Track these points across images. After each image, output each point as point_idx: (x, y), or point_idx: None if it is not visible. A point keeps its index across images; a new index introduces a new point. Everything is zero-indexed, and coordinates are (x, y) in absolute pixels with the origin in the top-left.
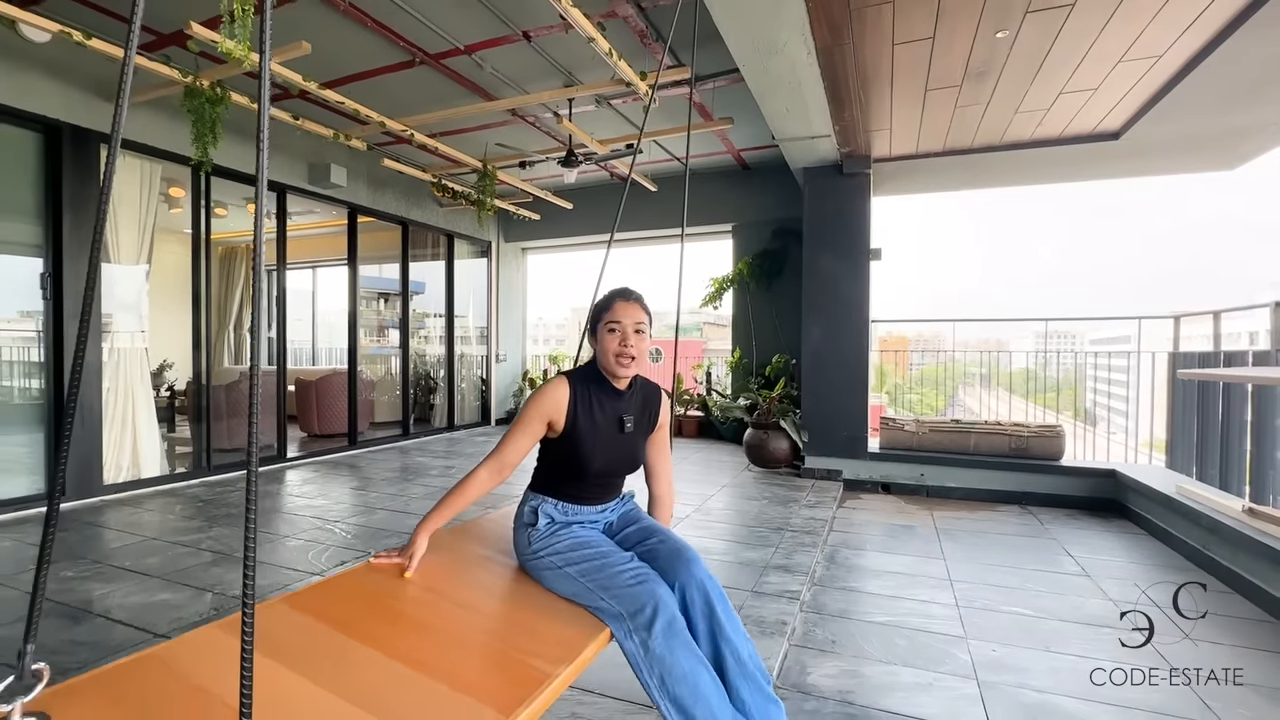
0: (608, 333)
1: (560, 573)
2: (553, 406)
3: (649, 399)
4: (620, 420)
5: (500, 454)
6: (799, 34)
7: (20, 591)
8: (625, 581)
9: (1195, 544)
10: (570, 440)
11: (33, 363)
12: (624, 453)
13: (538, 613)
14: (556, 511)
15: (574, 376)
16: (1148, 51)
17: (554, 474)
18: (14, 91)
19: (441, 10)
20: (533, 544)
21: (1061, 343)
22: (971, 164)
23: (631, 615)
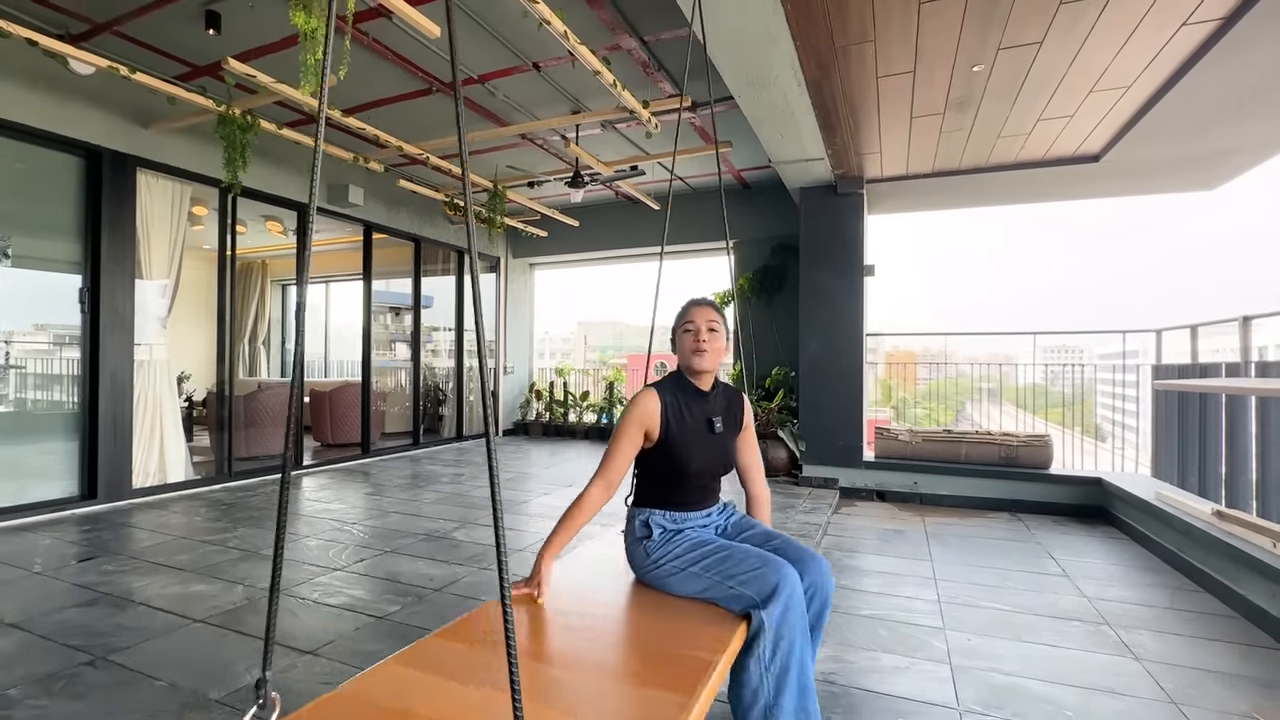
0: (684, 333)
1: (685, 574)
2: (646, 415)
3: (732, 401)
4: (709, 421)
5: (606, 470)
6: (789, 68)
7: (65, 584)
8: (752, 566)
9: (1171, 547)
10: (666, 445)
11: (71, 378)
12: (717, 452)
13: (678, 614)
14: (666, 521)
15: (660, 386)
16: (1116, 83)
17: (656, 484)
18: (60, 120)
19: (458, 43)
20: (651, 555)
21: (1070, 356)
22: (960, 184)
23: (761, 595)
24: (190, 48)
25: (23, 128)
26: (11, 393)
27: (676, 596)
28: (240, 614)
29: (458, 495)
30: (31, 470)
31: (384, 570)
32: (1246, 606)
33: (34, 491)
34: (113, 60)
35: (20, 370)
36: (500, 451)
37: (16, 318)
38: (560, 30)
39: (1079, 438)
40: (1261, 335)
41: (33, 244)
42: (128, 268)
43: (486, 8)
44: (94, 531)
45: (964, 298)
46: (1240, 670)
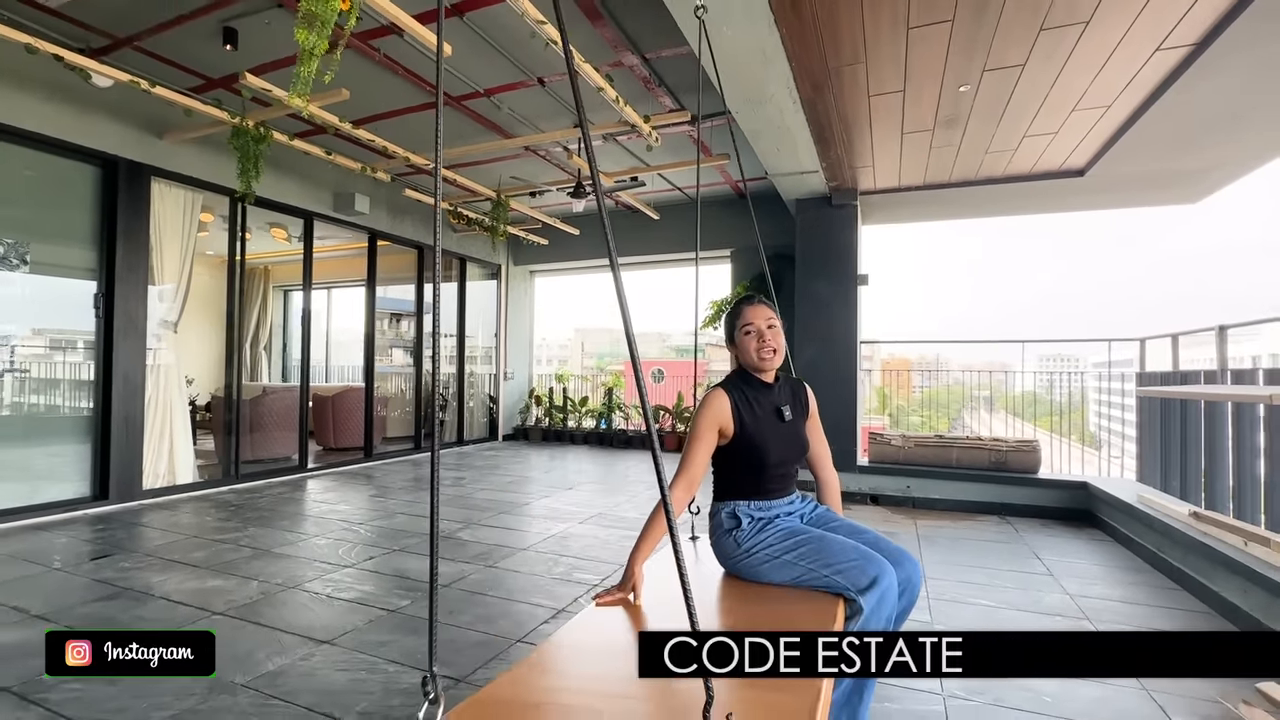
0: (744, 335)
1: (779, 562)
2: (719, 415)
3: (796, 390)
4: (778, 410)
5: (687, 471)
6: (785, 88)
7: (85, 579)
8: (850, 557)
9: (1151, 547)
10: (743, 439)
11: (84, 381)
12: (791, 439)
13: (777, 599)
14: (754, 510)
15: (727, 385)
16: (1096, 103)
17: (737, 477)
18: (78, 130)
19: (465, 59)
20: (742, 545)
21: (1066, 365)
22: (951, 197)
23: (857, 586)
24: (205, 61)
25: (42, 138)
26: (27, 396)
27: (769, 585)
28: (257, 607)
29: (460, 497)
30: (45, 471)
31: (392, 567)
32: (1221, 603)
33: (47, 491)
34: (134, 74)
35: (32, 375)
36: (500, 456)
37: (33, 322)
38: None
39: (1074, 445)
40: (1252, 345)
41: (50, 250)
42: (141, 274)
43: (494, 26)
44: (107, 530)
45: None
46: None
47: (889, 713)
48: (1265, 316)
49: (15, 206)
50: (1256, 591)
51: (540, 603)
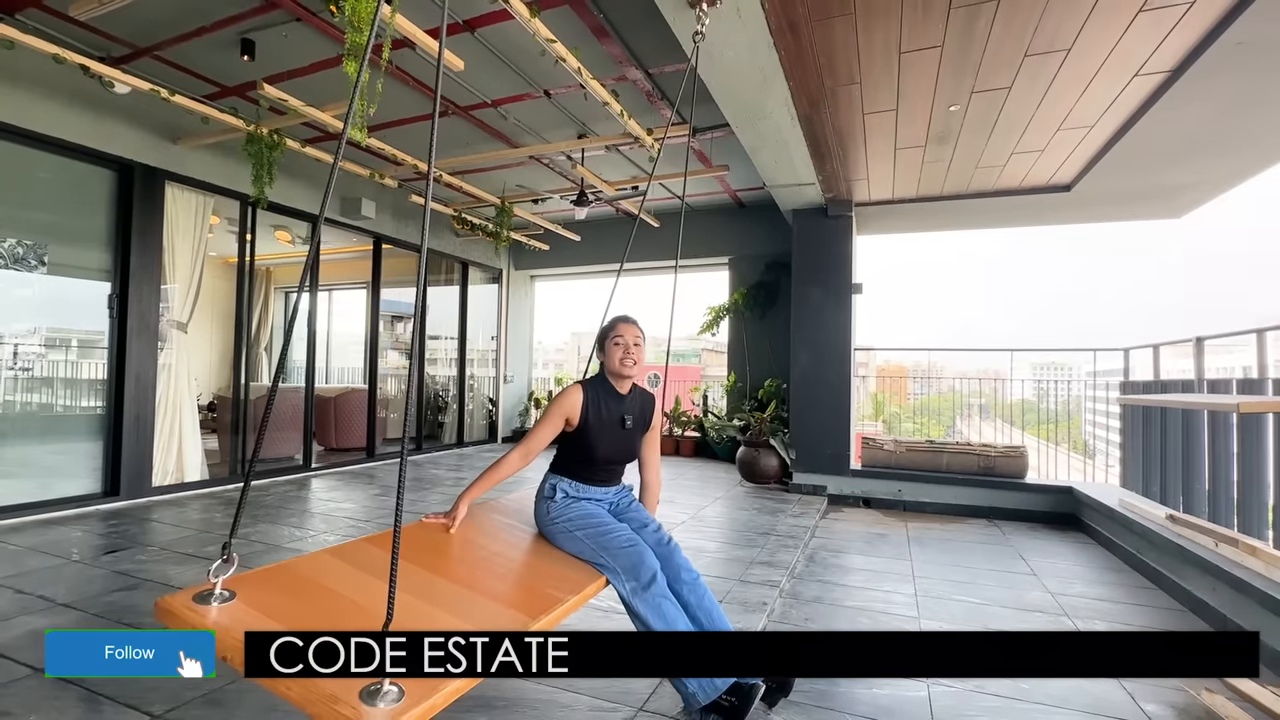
0: (614, 346)
1: (570, 535)
2: (570, 407)
3: (645, 405)
4: (622, 419)
5: (528, 442)
6: (783, 105)
7: (105, 571)
8: (621, 544)
9: (1130, 549)
10: (582, 433)
11: (96, 380)
12: (623, 445)
13: (552, 562)
14: (570, 488)
15: (587, 384)
16: (1080, 123)
17: (570, 459)
18: (97, 135)
19: (474, 72)
20: (550, 513)
21: (1060, 374)
22: (943, 209)
23: (625, 570)
24: (223, 71)
25: (62, 143)
26: (42, 395)
27: (562, 551)
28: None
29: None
30: (59, 467)
31: None
32: (1192, 600)
33: (60, 487)
34: (154, 83)
35: (48, 374)
36: (498, 456)
37: (49, 322)
38: (574, 66)
39: (1066, 453)
40: (1235, 357)
41: (66, 252)
42: (154, 275)
43: (504, 42)
44: (120, 525)
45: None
46: None
47: (875, 698)
48: (1241, 329)
49: (35, 209)
50: (1223, 589)
51: None
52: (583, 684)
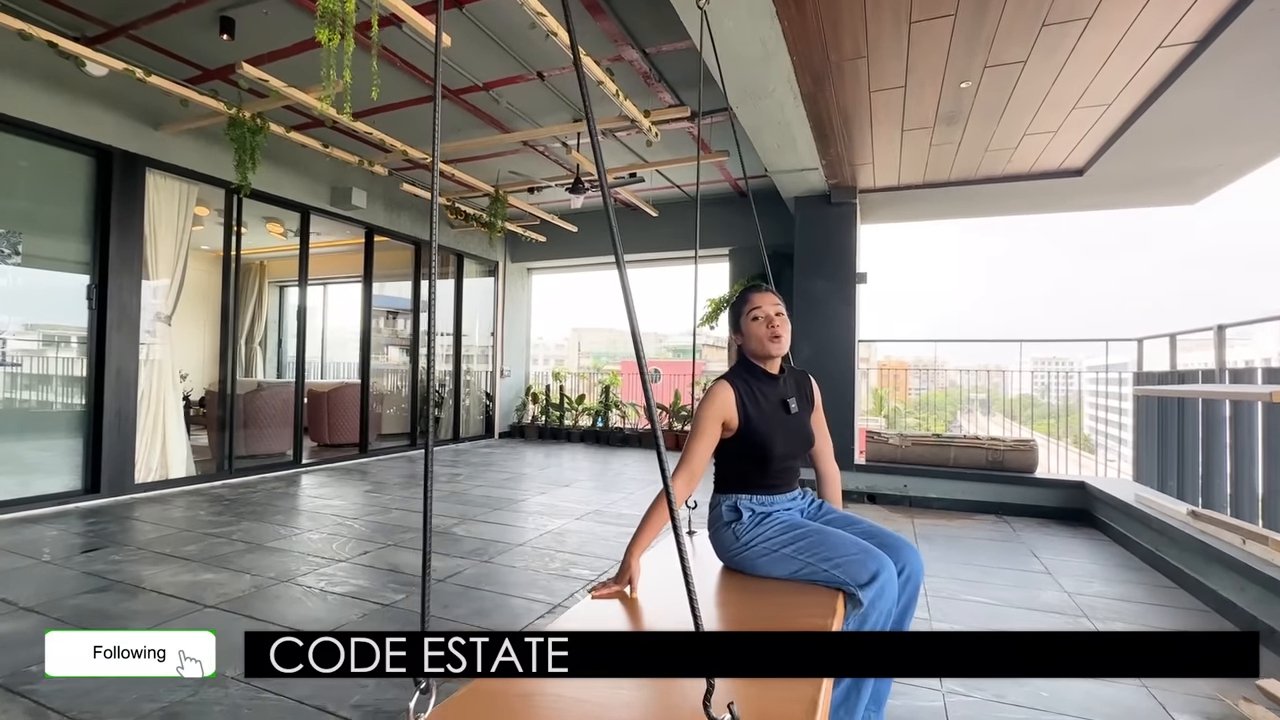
0: (752, 321)
1: (777, 555)
2: (724, 408)
3: (801, 382)
4: (784, 403)
5: (688, 463)
6: (786, 82)
7: (75, 572)
8: (850, 551)
9: (1148, 546)
10: (748, 432)
11: (76, 375)
12: (797, 432)
13: (775, 592)
14: (754, 504)
15: (731, 376)
16: (1097, 101)
17: (740, 470)
18: (73, 120)
19: (464, 52)
20: (741, 538)
21: (1059, 367)
22: (950, 195)
23: (857, 581)
24: (202, 52)
25: (36, 127)
26: (18, 389)
27: (767, 579)
28: (249, 600)
29: (455, 494)
30: (36, 464)
31: (386, 562)
32: (1217, 600)
33: (38, 485)
34: (129, 63)
35: (23, 368)
36: (496, 453)
37: (24, 315)
38: (566, 42)
39: (1067, 449)
40: (1247, 350)
41: (42, 242)
42: (135, 266)
43: (494, 19)
44: (98, 524)
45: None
46: None
47: (891, 709)
48: (1263, 316)
49: (9, 197)
50: (1253, 588)
51: (536, 597)
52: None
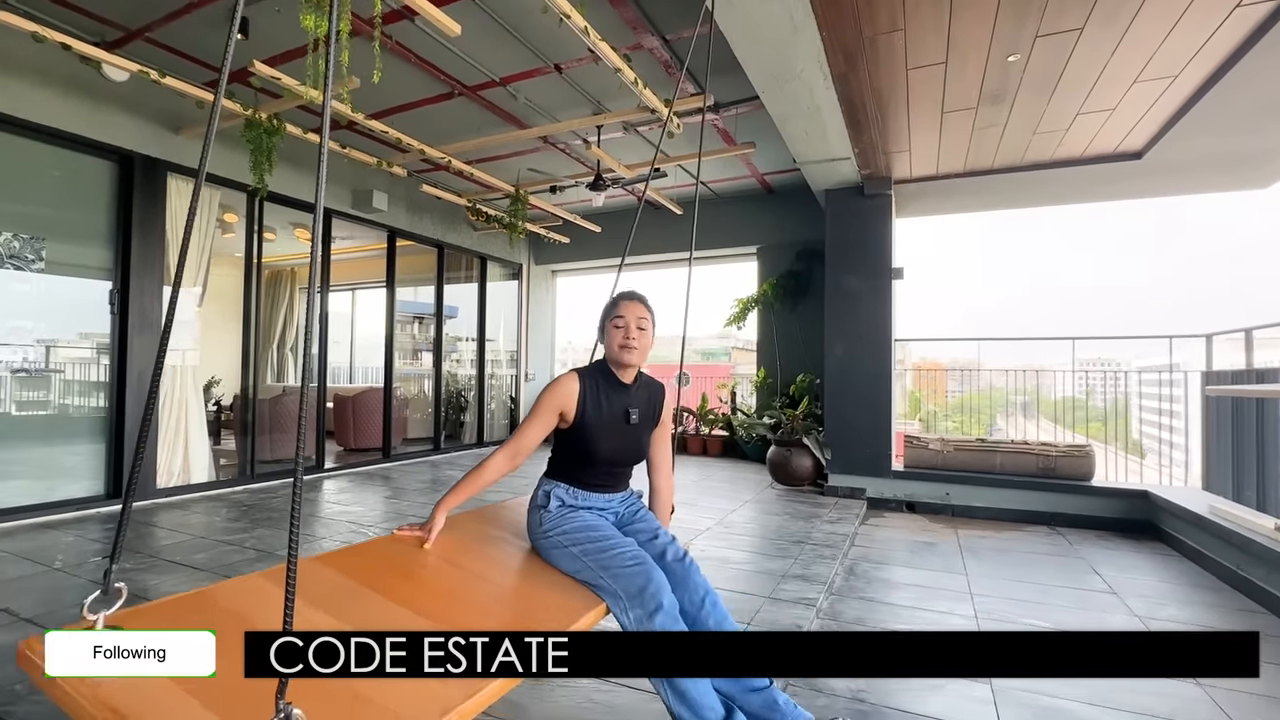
0: (614, 328)
1: (565, 551)
2: (564, 399)
3: (653, 395)
4: (626, 412)
5: (515, 441)
6: (815, 62)
7: (82, 580)
8: (625, 563)
9: (1228, 564)
10: (580, 430)
11: (98, 380)
12: (629, 443)
13: (542, 585)
14: (567, 495)
15: (583, 372)
16: (1162, 73)
17: (566, 462)
18: (95, 125)
19: (479, 46)
20: (544, 524)
21: (1106, 367)
22: (993, 184)
23: (629, 595)
24: (218, 54)
25: (59, 133)
26: (41, 395)
27: (557, 570)
28: None
29: (476, 499)
30: (60, 469)
31: None
32: None
33: (62, 490)
34: (143, 65)
35: (47, 373)
36: None
37: (48, 320)
38: (580, 26)
39: (1117, 454)
40: None
41: (65, 249)
42: (156, 271)
43: (508, 9)
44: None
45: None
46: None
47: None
48: None
49: (32, 203)
50: None
51: None
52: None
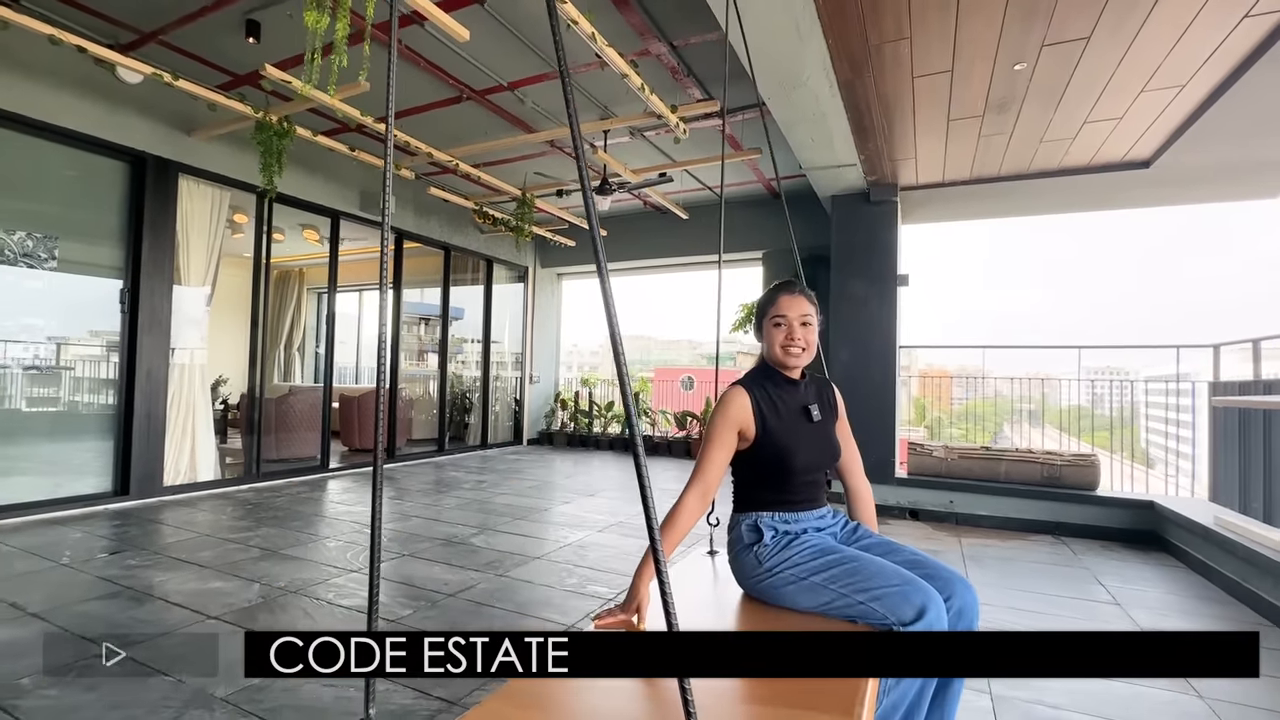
0: (773, 327)
1: (806, 584)
2: (739, 415)
3: (822, 388)
4: (805, 409)
5: (702, 476)
6: (821, 70)
7: (90, 576)
8: (892, 582)
9: (1233, 576)
10: (766, 441)
11: (108, 378)
12: (821, 441)
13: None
14: (779, 523)
15: (747, 381)
16: (1169, 82)
17: (760, 485)
18: (109, 126)
19: (488, 51)
20: (764, 563)
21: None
22: (1000, 192)
23: (900, 618)
24: (231, 57)
25: (73, 134)
26: (51, 392)
27: (793, 611)
28: (254, 612)
29: (479, 501)
30: (69, 466)
31: (400, 574)
32: None
33: (70, 486)
34: (157, 68)
35: (57, 370)
36: (524, 460)
37: (59, 318)
38: (588, 32)
39: (1126, 463)
40: None
41: (77, 247)
42: (167, 271)
43: (517, 15)
44: (123, 526)
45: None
46: None
47: None
48: None
49: (46, 202)
50: None
51: (549, 617)
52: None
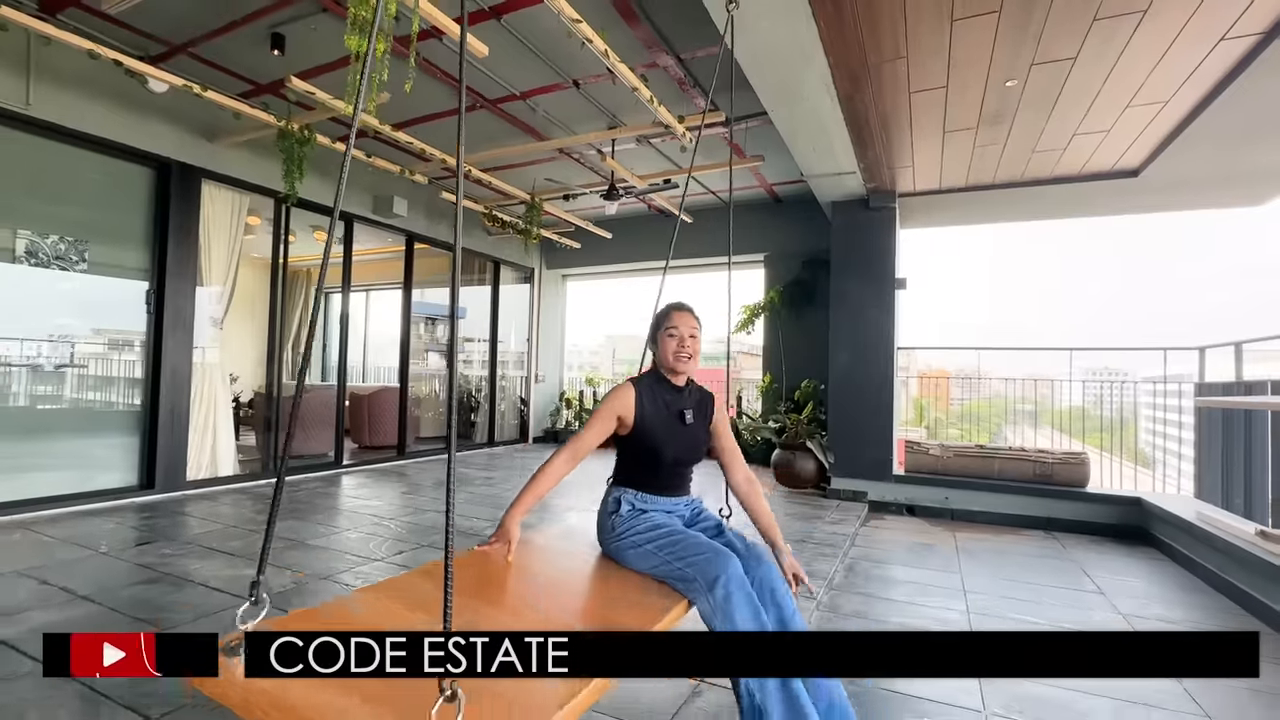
0: (667, 337)
1: (641, 550)
2: (621, 405)
3: (703, 398)
4: (681, 413)
5: (575, 443)
6: (822, 85)
7: (129, 564)
8: (699, 551)
9: (1212, 568)
10: (642, 432)
11: (134, 376)
12: (688, 441)
13: (625, 586)
14: (636, 500)
15: (638, 380)
16: (1153, 98)
17: (632, 468)
18: (137, 134)
19: (502, 63)
20: (616, 529)
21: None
22: (995, 199)
23: (706, 579)
24: (255, 67)
25: (105, 141)
26: (80, 390)
27: (633, 571)
28: (289, 596)
29: (490, 496)
30: (97, 461)
31: (419, 562)
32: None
33: (98, 480)
34: (187, 79)
35: (86, 369)
36: (529, 457)
37: (87, 319)
38: (601, 49)
39: (1122, 463)
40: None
41: (106, 250)
42: (190, 272)
43: (533, 31)
44: (152, 518)
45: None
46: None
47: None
48: None
49: (76, 207)
50: None
51: None
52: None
